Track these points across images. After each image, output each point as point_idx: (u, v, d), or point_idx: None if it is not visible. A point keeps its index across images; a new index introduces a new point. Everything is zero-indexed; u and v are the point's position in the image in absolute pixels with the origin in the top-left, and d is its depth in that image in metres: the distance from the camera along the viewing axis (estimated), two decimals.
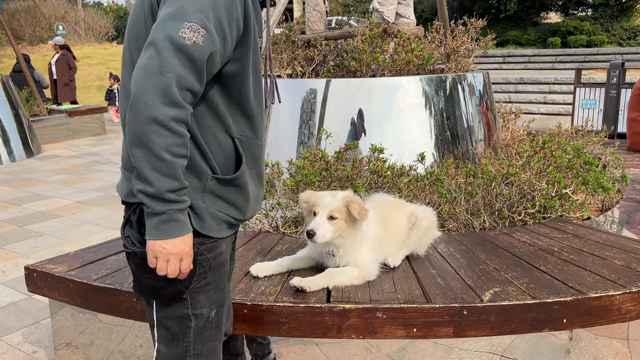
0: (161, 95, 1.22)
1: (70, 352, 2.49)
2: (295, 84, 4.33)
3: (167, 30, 1.24)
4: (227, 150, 1.44)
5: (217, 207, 1.44)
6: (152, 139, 1.22)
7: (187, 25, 1.24)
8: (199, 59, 1.25)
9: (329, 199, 1.97)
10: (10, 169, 7.47)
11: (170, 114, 1.22)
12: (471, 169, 3.42)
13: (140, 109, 1.22)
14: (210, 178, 1.42)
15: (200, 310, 1.47)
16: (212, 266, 1.47)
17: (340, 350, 2.25)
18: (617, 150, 4.76)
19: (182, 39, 1.23)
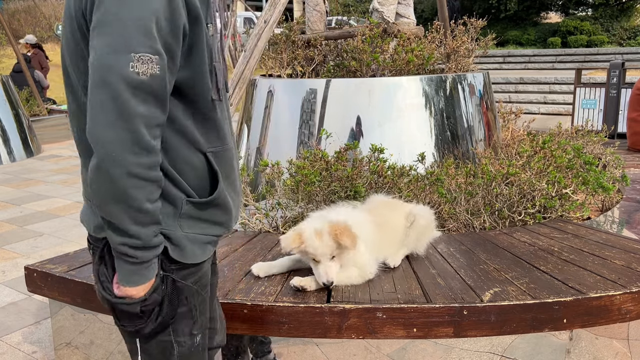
0: (130, 146, 1.07)
1: (70, 352, 2.49)
2: (295, 84, 4.33)
3: (115, 67, 1.06)
4: (199, 169, 1.30)
5: (197, 230, 1.32)
6: (130, 195, 1.11)
7: (135, 57, 1.06)
8: (159, 89, 1.11)
9: (318, 243, 1.90)
10: (10, 169, 7.47)
11: (145, 162, 1.10)
12: (471, 169, 3.42)
13: (111, 167, 1.08)
14: (185, 202, 1.29)
15: (183, 337, 1.38)
16: (194, 291, 1.37)
17: (340, 350, 2.25)
18: (617, 150, 4.76)
19: (136, 75, 1.06)
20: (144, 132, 1.09)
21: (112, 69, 1.06)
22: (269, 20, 4.20)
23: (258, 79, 4.62)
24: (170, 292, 1.30)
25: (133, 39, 1.06)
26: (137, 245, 1.17)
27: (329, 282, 1.92)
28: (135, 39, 1.06)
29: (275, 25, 4.33)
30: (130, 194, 1.11)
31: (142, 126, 1.08)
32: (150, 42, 1.08)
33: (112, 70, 1.06)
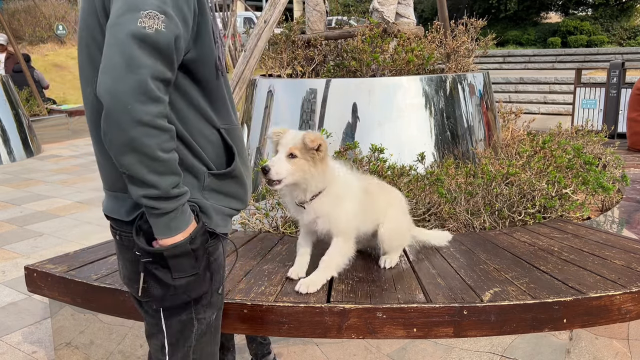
0: (137, 94, 1.13)
1: (70, 352, 2.49)
2: (295, 84, 4.33)
3: (125, 24, 1.14)
4: (215, 144, 1.40)
5: (220, 202, 1.43)
6: (143, 143, 1.15)
7: (144, 14, 1.15)
8: (165, 45, 1.17)
9: (291, 136, 1.87)
10: (10, 169, 7.47)
11: (153, 111, 1.15)
12: (471, 168, 3.42)
13: (120, 115, 1.13)
14: (207, 175, 1.39)
15: (204, 314, 1.46)
16: (213, 269, 1.44)
17: (340, 350, 2.25)
18: (617, 150, 4.76)
19: (142, 29, 1.14)
20: (150, 82, 1.14)
21: (122, 26, 1.14)
22: (269, 20, 4.20)
23: (258, 79, 4.62)
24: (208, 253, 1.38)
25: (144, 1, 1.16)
26: (156, 195, 1.22)
27: (267, 167, 1.79)
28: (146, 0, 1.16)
29: (275, 25, 4.33)
30: (142, 141, 1.15)
31: (149, 77, 1.14)
32: (159, 3, 1.17)
33: (122, 27, 1.14)
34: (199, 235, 1.32)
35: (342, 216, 2.03)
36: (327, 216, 2.01)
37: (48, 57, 16.47)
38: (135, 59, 1.13)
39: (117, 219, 1.41)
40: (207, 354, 1.53)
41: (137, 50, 1.13)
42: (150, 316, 1.44)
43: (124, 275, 1.46)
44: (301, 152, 1.86)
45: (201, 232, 1.33)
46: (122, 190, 1.38)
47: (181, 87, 1.31)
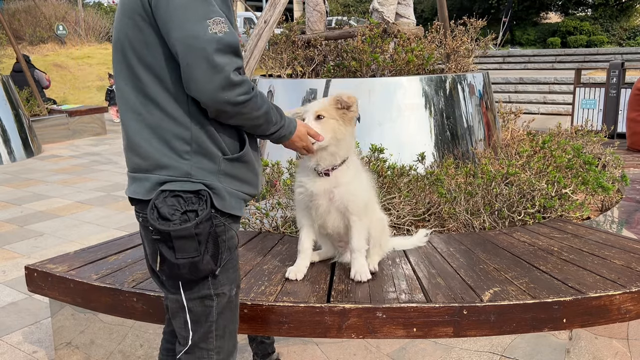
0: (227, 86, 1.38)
1: (70, 351, 2.50)
2: (295, 84, 4.33)
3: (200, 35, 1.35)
4: (231, 130, 1.54)
5: (233, 186, 1.54)
6: (243, 113, 1.45)
7: (210, 22, 1.36)
8: (233, 41, 1.40)
9: (316, 102, 1.94)
10: (11, 169, 7.47)
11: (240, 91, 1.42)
12: (471, 168, 3.42)
13: (225, 107, 1.42)
14: (222, 159, 1.51)
15: (222, 289, 1.55)
16: (228, 247, 1.56)
17: (340, 350, 2.26)
18: (617, 150, 4.76)
19: (214, 34, 1.36)
20: (231, 74, 1.39)
21: (198, 37, 1.35)
22: (269, 20, 4.20)
23: (258, 79, 4.62)
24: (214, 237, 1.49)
25: (204, 10, 1.37)
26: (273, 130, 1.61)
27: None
28: (205, 9, 1.37)
29: (275, 25, 4.33)
30: (242, 112, 1.45)
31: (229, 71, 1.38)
32: (215, 9, 1.39)
33: (198, 38, 1.35)
34: (204, 220, 1.44)
35: (360, 188, 2.03)
36: (346, 185, 1.99)
37: (48, 57, 16.46)
38: (216, 62, 1.36)
39: (139, 201, 1.52)
40: (230, 331, 1.62)
41: (215, 53, 1.36)
42: (172, 294, 1.55)
43: (147, 254, 1.59)
44: (329, 112, 1.89)
45: (207, 217, 1.45)
46: (143, 171, 1.52)
47: None
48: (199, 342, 1.57)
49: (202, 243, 1.45)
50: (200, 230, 1.44)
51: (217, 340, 1.58)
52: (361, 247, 2.10)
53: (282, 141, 1.68)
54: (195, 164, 1.49)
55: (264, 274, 2.21)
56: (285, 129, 1.64)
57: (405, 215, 2.98)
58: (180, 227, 1.41)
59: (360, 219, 2.06)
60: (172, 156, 1.47)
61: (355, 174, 2.03)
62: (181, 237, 1.42)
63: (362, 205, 2.05)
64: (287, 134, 1.66)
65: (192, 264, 1.45)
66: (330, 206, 2.04)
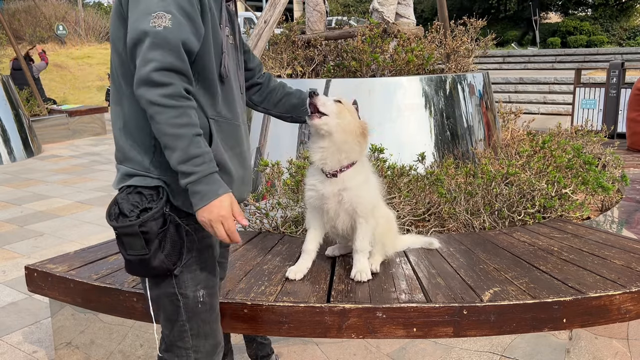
0: (147, 82, 1.35)
1: (70, 351, 2.50)
2: (295, 84, 4.32)
3: (141, 26, 1.36)
4: (204, 130, 1.49)
5: None
6: (156, 120, 1.36)
7: (153, 16, 1.36)
8: (173, 40, 1.36)
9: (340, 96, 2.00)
10: (11, 169, 7.47)
11: (159, 92, 1.35)
12: (471, 168, 3.42)
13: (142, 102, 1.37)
14: None
15: (185, 290, 1.54)
16: (196, 247, 1.54)
17: (340, 350, 2.26)
18: (617, 150, 4.76)
19: (153, 27, 1.35)
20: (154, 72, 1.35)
21: (139, 29, 1.36)
22: (269, 20, 4.20)
23: None
24: (172, 235, 1.48)
25: (152, 5, 1.37)
26: (174, 169, 1.40)
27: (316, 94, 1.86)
28: (154, 4, 1.37)
29: (275, 26, 4.33)
30: (155, 118, 1.37)
31: (154, 68, 1.34)
32: (164, 4, 1.37)
33: (139, 29, 1.36)
34: (151, 219, 1.42)
35: (369, 192, 2.05)
36: (355, 189, 2.00)
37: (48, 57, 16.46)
38: (147, 55, 1.35)
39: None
40: (206, 332, 1.61)
41: (150, 46, 1.35)
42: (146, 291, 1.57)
43: None
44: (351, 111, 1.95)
45: (156, 216, 1.43)
46: (118, 161, 1.55)
47: None
48: (176, 340, 1.59)
49: (151, 241, 1.44)
50: (147, 228, 1.42)
51: (192, 339, 1.59)
52: (365, 248, 2.11)
53: (192, 197, 1.40)
54: (157, 159, 1.48)
55: (264, 274, 2.21)
56: (199, 182, 1.39)
57: (405, 215, 2.98)
58: (123, 224, 1.42)
59: (367, 221, 2.07)
60: (137, 149, 1.49)
61: (365, 179, 2.04)
62: (127, 235, 1.43)
63: (369, 207, 2.07)
64: (200, 190, 1.39)
65: (141, 261, 1.45)
66: (339, 209, 2.06)
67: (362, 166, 2.03)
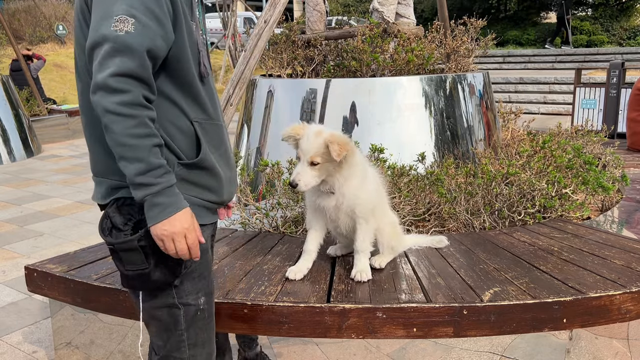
0: (103, 88, 1.27)
1: (70, 351, 2.49)
2: (295, 84, 4.33)
3: (101, 30, 1.29)
4: (188, 134, 1.46)
5: (191, 192, 1.47)
6: (112, 129, 1.28)
7: (115, 19, 1.28)
8: (135, 45, 1.28)
9: (310, 140, 1.88)
10: (11, 169, 7.47)
11: (115, 100, 1.27)
12: (471, 168, 3.42)
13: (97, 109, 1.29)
14: (177, 165, 1.44)
15: (186, 298, 1.51)
16: None
17: (340, 350, 2.26)
18: (617, 150, 4.76)
19: (114, 32, 1.27)
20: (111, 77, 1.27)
21: (99, 32, 1.29)
22: (269, 20, 4.20)
23: (258, 78, 4.62)
24: None
25: (116, 7, 1.29)
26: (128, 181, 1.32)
27: (294, 182, 1.86)
28: (117, 7, 1.29)
29: (275, 25, 4.33)
30: (110, 128, 1.28)
31: (112, 73, 1.27)
32: (127, 8, 1.29)
33: (99, 32, 1.29)
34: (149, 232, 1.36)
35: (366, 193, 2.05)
36: (352, 192, 2.01)
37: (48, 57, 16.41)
38: (106, 60, 1.27)
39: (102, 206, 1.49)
40: (203, 340, 1.57)
41: (110, 51, 1.27)
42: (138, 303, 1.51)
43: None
44: (323, 157, 1.88)
45: None
46: (100, 175, 1.49)
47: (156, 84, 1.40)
48: (172, 351, 1.54)
49: (150, 255, 1.39)
50: (146, 242, 1.37)
51: (190, 349, 1.55)
52: (365, 249, 2.12)
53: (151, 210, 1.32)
54: None
55: (264, 274, 2.21)
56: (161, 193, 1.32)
57: (406, 215, 2.97)
58: (120, 240, 1.37)
59: (366, 222, 2.08)
60: None
61: (361, 180, 2.03)
62: (126, 250, 1.38)
63: (369, 208, 2.07)
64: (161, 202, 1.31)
65: (141, 275, 1.40)
66: (339, 213, 2.08)
67: (358, 171, 2.03)
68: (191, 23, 1.46)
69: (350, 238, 2.22)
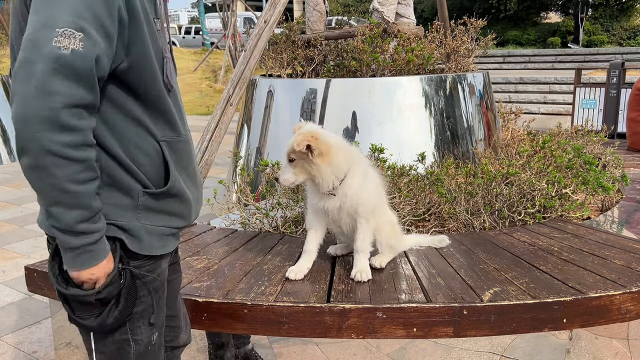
0: (47, 122, 1.05)
1: (70, 351, 2.49)
2: (295, 84, 4.33)
3: (39, 42, 1.05)
4: (154, 157, 1.30)
5: (156, 222, 1.33)
6: (50, 173, 1.08)
7: (59, 32, 1.05)
8: (82, 67, 1.08)
9: (293, 137, 1.87)
10: (11, 169, 7.47)
11: (64, 140, 1.07)
12: (471, 168, 3.42)
13: (29, 143, 1.06)
14: (142, 193, 1.29)
15: (140, 335, 1.36)
16: (152, 288, 1.36)
17: (340, 350, 2.26)
18: (617, 150, 4.76)
19: (57, 49, 1.05)
20: (62, 110, 1.06)
21: (36, 45, 1.06)
22: (269, 20, 4.20)
23: (258, 78, 4.62)
24: (128, 287, 1.29)
25: (59, 16, 1.06)
26: (60, 228, 1.15)
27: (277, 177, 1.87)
28: (62, 15, 1.06)
29: (275, 25, 4.33)
30: (50, 171, 1.08)
31: (61, 104, 1.06)
32: (75, 19, 1.07)
33: (36, 46, 1.06)
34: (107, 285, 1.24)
35: (368, 193, 2.05)
36: (354, 191, 2.01)
37: None
38: (48, 83, 1.05)
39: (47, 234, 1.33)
40: None
41: (51, 73, 1.05)
42: (84, 332, 1.37)
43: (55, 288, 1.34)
44: (297, 155, 1.88)
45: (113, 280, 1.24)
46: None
47: (114, 98, 1.22)
48: None
49: (107, 304, 1.26)
50: (104, 294, 1.24)
51: None
52: (365, 249, 2.12)
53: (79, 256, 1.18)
54: (106, 200, 1.23)
55: (264, 274, 2.21)
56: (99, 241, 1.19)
57: (406, 215, 2.98)
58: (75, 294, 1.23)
59: (367, 222, 2.09)
60: None
61: (362, 179, 2.04)
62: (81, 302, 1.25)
63: (370, 208, 2.08)
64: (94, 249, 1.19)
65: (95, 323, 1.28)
66: (341, 213, 2.08)
67: (358, 171, 2.03)
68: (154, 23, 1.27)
69: (351, 238, 2.22)
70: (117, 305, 1.28)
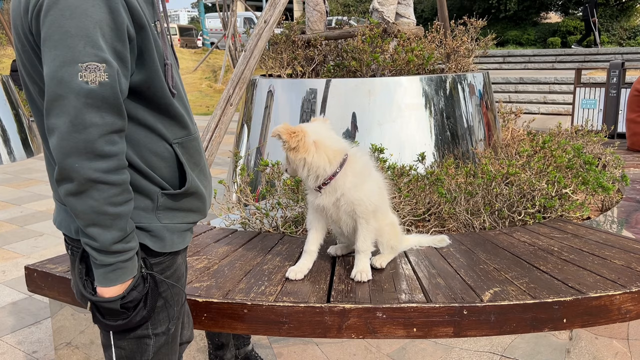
0: (85, 153, 1.12)
1: (70, 351, 2.49)
2: (295, 84, 4.33)
3: (65, 79, 1.10)
4: (168, 160, 1.36)
5: (176, 220, 1.39)
6: (91, 196, 1.15)
7: (83, 67, 1.10)
8: (111, 96, 1.14)
9: None
10: (11, 169, 7.47)
11: (102, 167, 1.14)
12: (471, 168, 3.42)
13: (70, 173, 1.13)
14: (161, 195, 1.35)
15: (161, 328, 1.42)
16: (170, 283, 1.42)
17: (340, 350, 2.26)
18: (617, 150, 4.76)
19: (85, 84, 1.11)
20: (97, 140, 1.13)
21: (63, 82, 1.10)
22: (269, 20, 4.20)
23: (258, 79, 4.62)
24: (152, 288, 1.35)
25: (79, 50, 1.10)
26: (95, 247, 1.21)
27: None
28: (81, 49, 1.10)
29: (275, 25, 4.33)
30: (89, 195, 1.15)
31: (96, 135, 1.13)
32: (95, 51, 1.11)
33: (63, 83, 1.10)
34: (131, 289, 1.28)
35: (367, 193, 2.05)
36: (351, 192, 2.01)
37: None
38: (81, 119, 1.11)
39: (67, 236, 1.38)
40: None
41: (83, 108, 1.11)
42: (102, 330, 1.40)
43: (76, 290, 1.39)
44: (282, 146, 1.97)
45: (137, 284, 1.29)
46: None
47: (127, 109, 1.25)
48: None
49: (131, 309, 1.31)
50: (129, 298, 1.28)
51: None
52: (366, 249, 2.12)
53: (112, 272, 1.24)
54: None
55: (264, 274, 2.21)
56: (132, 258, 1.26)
57: (406, 215, 2.98)
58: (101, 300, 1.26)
59: (367, 222, 2.08)
60: None
61: (361, 179, 2.03)
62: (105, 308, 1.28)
63: (370, 209, 2.07)
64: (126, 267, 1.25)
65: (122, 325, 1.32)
66: (339, 212, 2.08)
67: (354, 168, 2.03)
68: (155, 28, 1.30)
69: (351, 238, 2.22)
70: (144, 307, 1.34)
